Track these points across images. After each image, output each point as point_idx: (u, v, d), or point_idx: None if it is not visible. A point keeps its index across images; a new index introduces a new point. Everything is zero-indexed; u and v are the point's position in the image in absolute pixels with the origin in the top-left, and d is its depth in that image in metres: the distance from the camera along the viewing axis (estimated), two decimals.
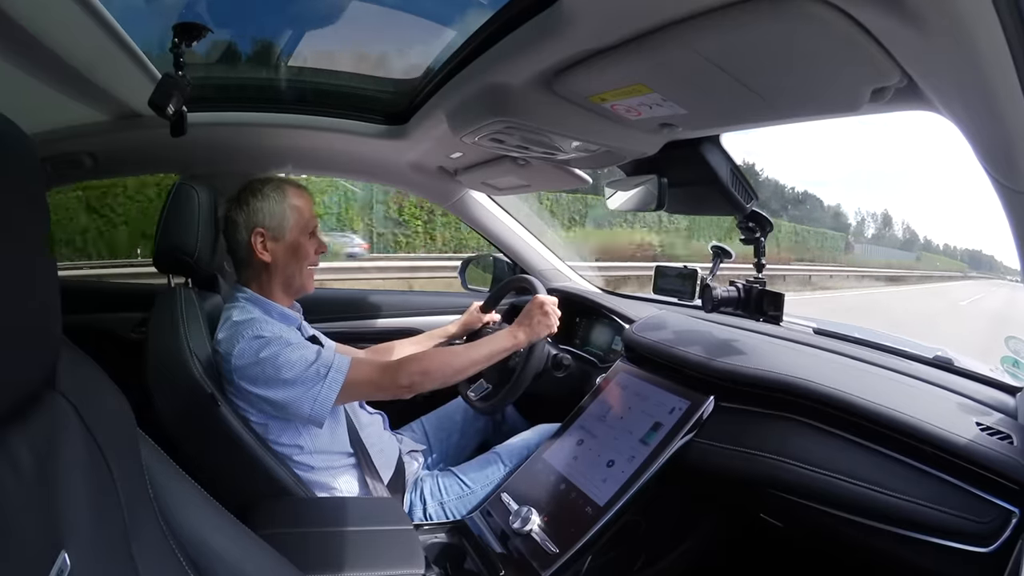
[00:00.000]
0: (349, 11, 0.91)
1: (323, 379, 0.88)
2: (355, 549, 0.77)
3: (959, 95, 0.51)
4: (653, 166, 1.02)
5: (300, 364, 0.88)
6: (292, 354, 0.88)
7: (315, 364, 0.88)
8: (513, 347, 1.08)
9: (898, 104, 0.60)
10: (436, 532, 1.02)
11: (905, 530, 0.69)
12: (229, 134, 1.22)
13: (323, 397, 0.87)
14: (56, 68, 0.84)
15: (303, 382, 0.87)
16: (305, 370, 0.87)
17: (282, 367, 0.87)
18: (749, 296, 1.02)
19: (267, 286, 0.99)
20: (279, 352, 0.87)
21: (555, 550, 0.88)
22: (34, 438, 0.36)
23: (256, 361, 0.87)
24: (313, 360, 0.89)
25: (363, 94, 1.19)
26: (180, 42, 0.83)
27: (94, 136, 1.16)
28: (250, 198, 0.98)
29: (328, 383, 0.88)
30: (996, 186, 0.56)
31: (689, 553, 1.05)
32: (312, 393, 0.87)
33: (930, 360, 0.96)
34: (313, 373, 0.88)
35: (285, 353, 0.88)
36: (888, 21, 0.45)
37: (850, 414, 0.78)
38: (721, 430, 0.91)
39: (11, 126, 0.34)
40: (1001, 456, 0.66)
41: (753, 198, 0.98)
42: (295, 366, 0.87)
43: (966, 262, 30.77)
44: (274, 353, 0.87)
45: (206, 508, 0.51)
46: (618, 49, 0.62)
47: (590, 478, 0.97)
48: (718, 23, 0.52)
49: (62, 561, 0.34)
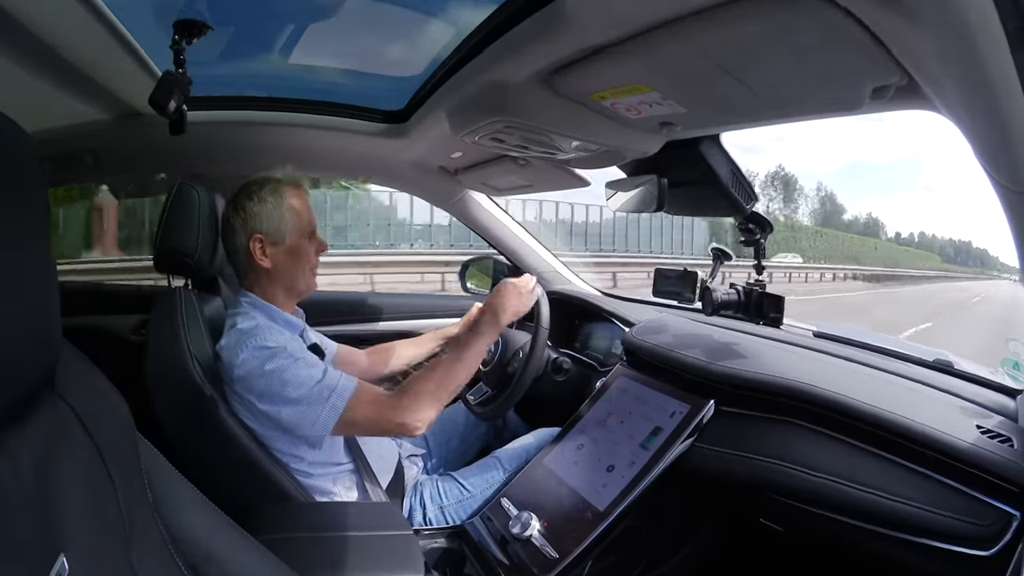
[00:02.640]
0: (349, 9, 0.91)
1: (325, 401, 0.86)
2: (354, 554, 0.77)
3: (959, 94, 0.51)
4: (653, 166, 1.02)
5: (306, 383, 0.85)
6: (299, 371, 0.86)
7: (319, 385, 0.86)
8: (494, 334, 1.03)
9: (898, 103, 0.61)
10: (435, 537, 1.01)
11: (905, 534, 0.68)
12: (229, 133, 1.21)
13: (322, 421, 0.86)
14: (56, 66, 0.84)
15: (306, 402, 0.85)
16: (309, 390, 0.85)
17: (287, 384, 0.85)
18: (749, 299, 1.02)
19: (269, 291, 0.97)
20: (286, 367, 0.86)
21: (555, 555, 0.87)
22: (33, 440, 0.36)
23: (261, 374, 0.85)
24: (318, 380, 0.86)
25: (363, 92, 1.19)
26: (180, 39, 0.83)
27: (95, 134, 1.15)
28: (246, 202, 0.95)
29: (329, 407, 0.86)
30: (996, 186, 0.56)
31: (689, 558, 1.05)
32: (312, 415, 0.85)
33: (930, 363, 0.96)
34: (316, 394, 0.85)
35: (292, 369, 0.86)
36: (889, 19, 0.45)
37: (851, 418, 0.78)
38: (721, 434, 0.90)
39: (11, 124, 0.34)
40: (1002, 459, 0.66)
41: (753, 199, 0.98)
42: (301, 385, 0.85)
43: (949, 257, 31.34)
44: (280, 367, 0.85)
45: (205, 511, 0.50)
46: (618, 47, 0.62)
47: (590, 483, 0.96)
48: (719, 21, 0.52)
49: (60, 564, 0.33)
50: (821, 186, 31.58)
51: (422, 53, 0.98)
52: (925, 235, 57.27)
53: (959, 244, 62.40)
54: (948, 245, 60.01)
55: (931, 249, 50.42)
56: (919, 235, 57.08)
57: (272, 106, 1.19)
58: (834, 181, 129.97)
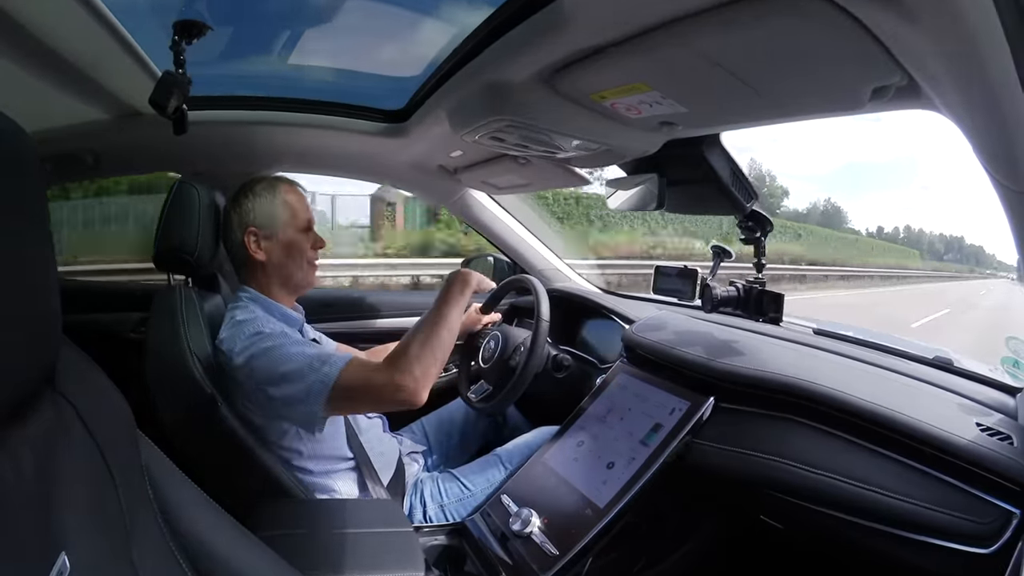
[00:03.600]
0: (349, 9, 0.91)
1: (317, 371, 0.84)
2: (355, 551, 0.77)
3: (959, 94, 0.51)
4: (653, 165, 1.02)
5: (298, 358, 0.86)
6: (292, 349, 0.87)
7: (312, 357, 0.86)
8: (465, 290, 0.99)
9: (899, 103, 0.61)
10: (436, 534, 1.02)
11: (905, 531, 0.68)
12: (229, 132, 1.21)
13: (316, 391, 0.83)
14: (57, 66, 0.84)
15: (299, 375, 0.84)
16: (301, 364, 0.85)
17: (280, 360, 0.85)
18: (749, 296, 1.02)
19: (266, 285, 0.99)
20: (280, 346, 0.87)
21: (555, 552, 0.88)
22: (34, 438, 0.36)
23: (256, 354, 0.86)
24: (312, 354, 0.87)
25: (363, 92, 1.19)
26: (180, 39, 0.83)
27: (95, 134, 1.15)
28: (242, 198, 0.98)
29: (322, 375, 0.84)
30: (996, 186, 0.56)
31: (689, 555, 1.05)
32: (305, 386, 0.84)
33: (930, 361, 0.96)
34: (308, 366, 0.85)
35: (286, 347, 0.87)
36: (889, 19, 0.45)
37: (850, 415, 0.78)
38: (721, 431, 0.91)
39: (11, 124, 0.34)
40: (1001, 457, 0.66)
41: (753, 197, 0.98)
42: (293, 359, 0.86)
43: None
44: (275, 346, 0.87)
45: (206, 509, 0.50)
46: (618, 47, 0.62)
47: (590, 480, 0.96)
48: (718, 21, 0.52)
49: (61, 562, 0.34)
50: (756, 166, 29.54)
51: (422, 53, 0.98)
52: (912, 230, 55.91)
53: (950, 239, 61.43)
54: (938, 240, 58.91)
55: (917, 245, 49.60)
56: (904, 229, 55.50)
57: (272, 106, 1.19)
58: (831, 181, 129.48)
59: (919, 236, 55.18)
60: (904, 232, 55.06)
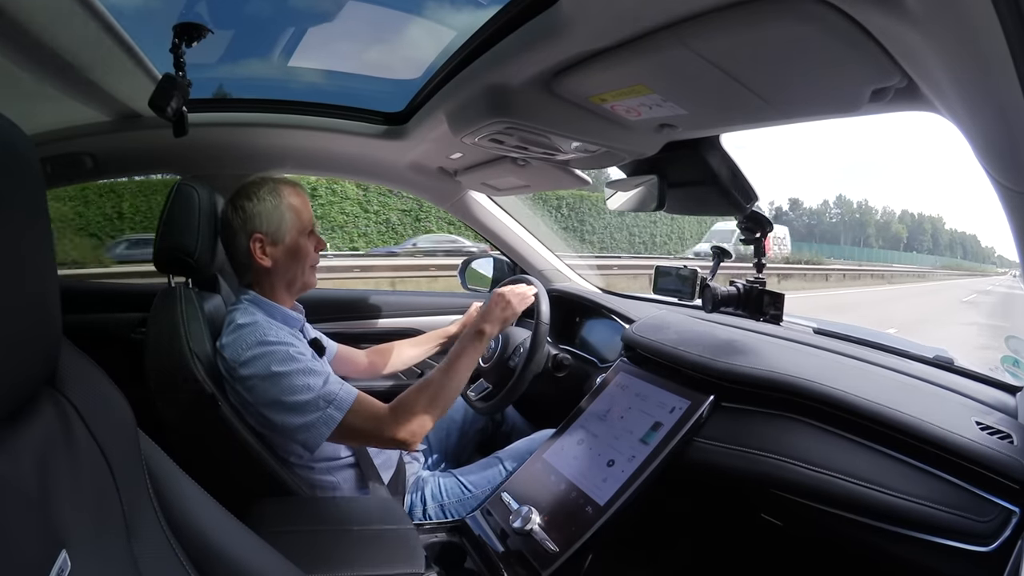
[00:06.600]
0: (349, 11, 0.91)
1: (322, 412, 0.86)
2: (355, 548, 0.77)
3: (959, 95, 0.51)
4: (653, 166, 1.02)
5: (306, 391, 0.86)
6: (300, 380, 0.86)
7: (318, 395, 0.86)
8: (484, 345, 1.06)
9: (898, 104, 0.61)
10: (436, 531, 1.02)
11: (905, 529, 0.68)
12: (229, 134, 1.22)
13: (318, 430, 0.86)
14: (57, 68, 0.84)
15: (303, 410, 0.85)
16: (308, 399, 0.85)
17: (287, 390, 0.85)
18: (749, 296, 1.02)
19: (269, 289, 0.98)
20: (288, 373, 0.86)
21: (555, 549, 0.88)
22: (35, 437, 0.36)
23: (264, 376, 0.86)
24: (319, 389, 0.87)
25: (363, 95, 1.19)
26: (180, 42, 0.83)
27: (94, 136, 1.16)
28: (245, 202, 0.95)
29: (326, 417, 0.86)
30: (996, 186, 0.56)
31: (689, 552, 1.05)
32: (308, 425, 0.86)
33: (930, 360, 0.96)
34: (314, 404, 0.86)
35: (291, 376, 0.86)
36: (888, 21, 0.45)
37: (850, 413, 0.78)
38: (721, 430, 0.91)
39: (11, 126, 0.34)
40: (1001, 455, 0.66)
41: (753, 198, 0.98)
42: (300, 392, 0.85)
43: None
44: (282, 373, 0.86)
45: (207, 507, 0.50)
46: (617, 50, 0.62)
47: (590, 478, 0.97)
48: (717, 23, 0.52)
49: (62, 561, 0.34)
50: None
51: (422, 56, 0.98)
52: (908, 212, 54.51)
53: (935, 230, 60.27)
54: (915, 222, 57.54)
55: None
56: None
57: (273, 108, 1.19)
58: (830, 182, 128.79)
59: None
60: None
